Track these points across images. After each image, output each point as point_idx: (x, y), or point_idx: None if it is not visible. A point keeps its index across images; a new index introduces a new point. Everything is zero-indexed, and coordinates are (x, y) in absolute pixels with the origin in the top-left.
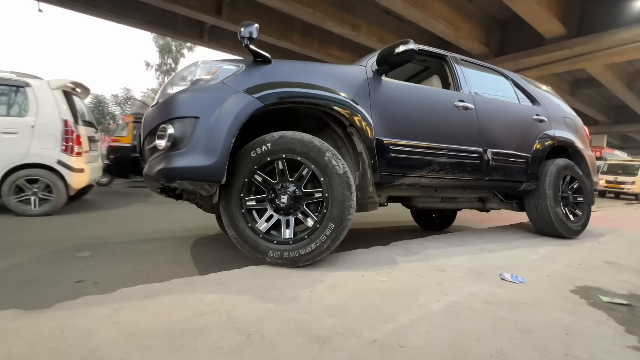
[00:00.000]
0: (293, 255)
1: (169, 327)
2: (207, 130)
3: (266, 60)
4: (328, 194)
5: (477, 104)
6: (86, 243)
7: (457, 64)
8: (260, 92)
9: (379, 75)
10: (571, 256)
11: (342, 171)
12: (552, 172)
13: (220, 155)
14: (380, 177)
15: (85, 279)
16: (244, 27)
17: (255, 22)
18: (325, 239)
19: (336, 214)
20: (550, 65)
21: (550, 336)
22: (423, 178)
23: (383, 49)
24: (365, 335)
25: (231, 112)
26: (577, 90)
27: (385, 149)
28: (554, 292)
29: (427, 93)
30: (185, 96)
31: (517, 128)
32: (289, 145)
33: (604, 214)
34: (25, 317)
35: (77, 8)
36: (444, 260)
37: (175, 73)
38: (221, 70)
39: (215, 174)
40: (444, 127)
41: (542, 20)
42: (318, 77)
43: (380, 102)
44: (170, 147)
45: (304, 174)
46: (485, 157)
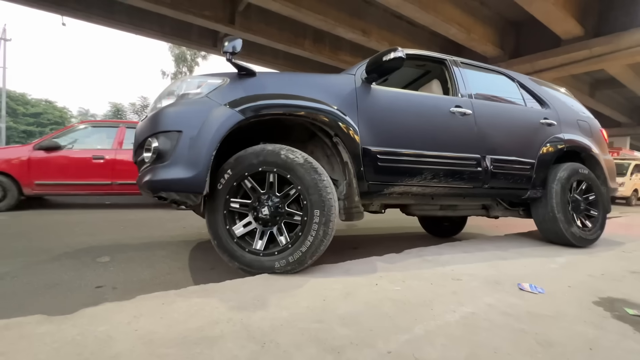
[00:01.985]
0: (297, 256)
1: (186, 335)
2: (189, 144)
3: (250, 74)
4: (300, 186)
5: (476, 108)
6: (105, 248)
7: (457, 68)
8: (240, 105)
9: (369, 84)
10: (594, 265)
11: (302, 160)
12: (560, 178)
13: (201, 168)
14: (368, 186)
15: (105, 284)
16: (227, 42)
17: (236, 37)
18: (316, 227)
19: (316, 199)
20: (567, 66)
21: (573, 350)
22: (415, 187)
23: (372, 57)
24: (380, 347)
25: (212, 125)
26: (596, 91)
27: (373, 158)
28: (576, 304)
29: (419, 100)
30: (170, 111)
31: (520, 133)
32: (245, 162)
33: (628, 220)
34: (49, 323)
35: (98, 21)
36: (460, 269)
37: (165, 88)
38: (206, 84)
39: (197, 186)
40: (438, 134)
41: (559, 21)
42: (303, 88)
43: (369, 110)
44: (155, 159)
45: (272, 180)
46: (483, 164)
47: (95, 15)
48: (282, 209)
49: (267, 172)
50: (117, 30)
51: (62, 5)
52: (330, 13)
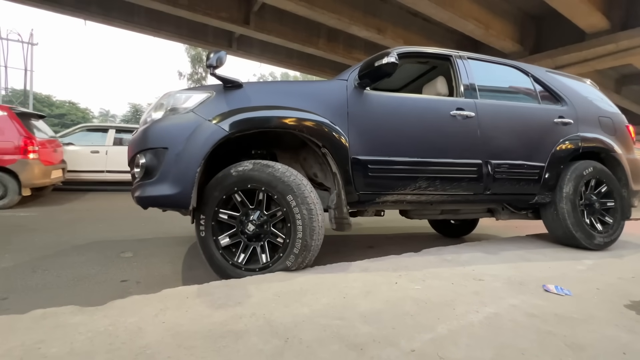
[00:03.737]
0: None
1: (211, 328)
2: (174, 161)
3: (237, 85)
4: (272, 187)
5: (480, 110)
6: (128, 244)
7: (463, 65)
8: (224, 120)
9: (362, 89)
10: (623, 267)
11: (266, 172)
12: (570, 178)
13: (186, 185)
14: (358, 196)
15: (129, 278)
16: (212, 54)
17: (220, 50)
18: (305, 212)
19: (284, 189)
20: (592, 61)
21: (606, 355)
22: (409, 195)
23: (364, 61)
24: (403, 345)
25: (197, 142)
26: (623, 87)
27: (363, 167)
28: (606, 307)
29: (416, 104)
30: (157, 127)
31: (529, 134)
32: (222, 184)
33: None
34: (82, 314)
35: (118, 24)
36: (481, 269)
37: (154, 102)
38: (191, 98)
39: (183, 202)
40: (435, 139)
41: (583, 15)
42: (291, 97)
43: (360, 118)
44: (143, 176)
45: (239, 199)
46: (484, 170)
47: (115, 18)
48: (267, 227)
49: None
50: (136, 32)
51: (84, 9)
52: (344, 12)
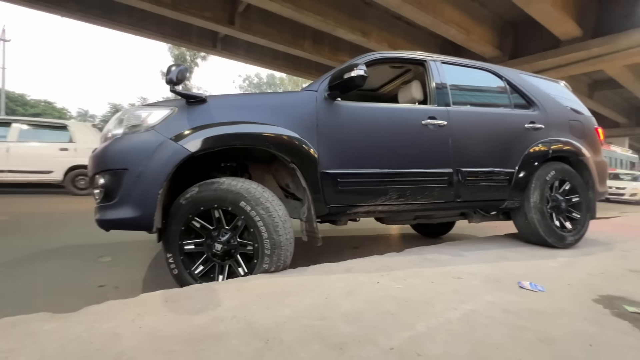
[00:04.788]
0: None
1: (190, 332)
2: (134, 182)
3: (200, 100)
4: (222, 201)
5: (452, 118)
6: (107, 248)
7: (437, 70)
8: (186, 138)
9: (332, 100)
10: (593, 264)
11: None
12: (535, 188)
13: (148, 207)
14: (328, 209)
15: (107, 283)
16: (173, 68)
17: (181, 65)
18: (263, 211)
19: (235, 198)
20: (566, 67)
21: (573, 347)
22: (380, 206)
23: (334, 71)
24: (383, 343)
25: (158, 162)
26: (595, 92)
27: (333, 181)
28: (575, 301)
29: (387, 113)
30: (116, 147)
31: (501, 141)
32: (176, 216)
33: (626, 220)
34: (55, 320)
35: (97, 21)
36: (460, 268)
37: (113, 117)
38: (152, 115)
39: (145, 225)
40: (406, 150)
41: (557, 22)
42: (258, 111)
43: (330, 130)
44: (103, 198)
45: (216, 215)
46: (455, 178)
47: (94, 15)
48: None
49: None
50: (116, 31)
51: (61, 5)
52: (329, 14)
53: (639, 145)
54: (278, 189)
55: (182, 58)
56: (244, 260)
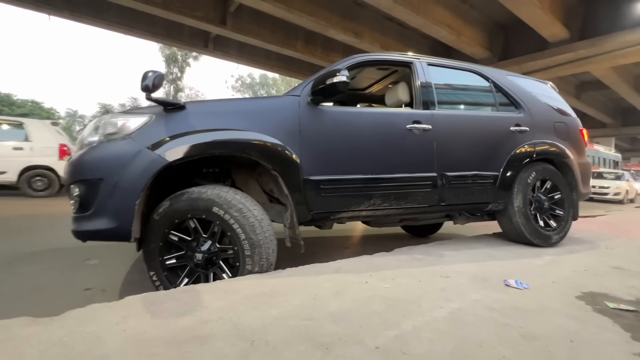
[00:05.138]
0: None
1: (175, 334)
2: (111, 193)
3: (178, 107)
4: (195, 209)
5: (437, 122)
6: (94, 251)
7: (424, 72)
8: (164, 147)
9: (315, 105)
10: (578, 262)
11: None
12: (518, 192)
13: (125, 218)
14: (312, 216)
15: (94, 286)
16: (150, 74)
17: (158, 71)
18: (236, 213)
19: (207, 204)
20: (554, 68)
21: (555, 343)
22: (364, 211)
23: (317, 76)
24: (368, 342)
25: (135, 172)
26: (582, 93)
27: (316, 188)
28: (559, 299)
29: (372, 118)
30: (91, 156)
31: (486, 145)
32: (152, 232)
33: (611, 218)
34: (36, 325)
35: (86, 20)
36: (448, 267)
37: (89, 124)
38: (128, 123)
39: (122, 236)
40: (390, 155)
41: (545, 24)
42: (239, 117)
43: (313, 136)
44: (78, 208)
45: (190, 225)
46: (439, 182)
47: (83, 14)
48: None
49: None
50: (106, 30)
51: (49, 4)
52: (321, 15)
53: (625, 145)
54: (262, 193)
55: (174, 58)
56: (227, 265)
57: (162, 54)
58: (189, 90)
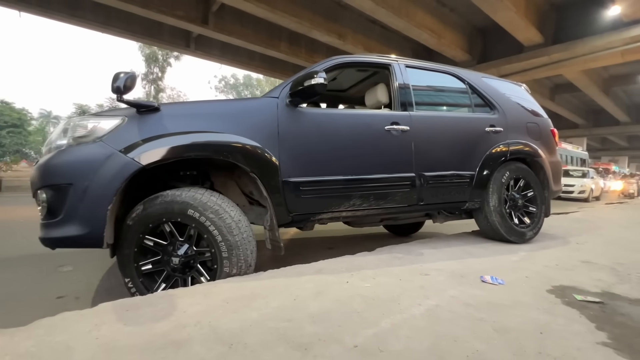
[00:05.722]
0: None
1: (150, 340)
2: (81, 198)
3: (152, 109)
4: (170, 213)
5: (415, 123)
6: (68, 257)
7: (402, 74)
8: (137, 150)
9: (294, 106)
10: (550, 257)
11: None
12: (493, 192)
13: (97, 224)
14: (292, 217)
15: (67, 294)
16: (122, 75)
17: (130, 72)
18: (212, 215)
19: (182, 207)
20: (530, 71)
21: (526, 335)
22: (344, 212)
23: (295, 78)
24: (347, 341)
25: (106, 176)
26: (556, 95)
27: (295, 189)
28: (531, 293)
29: (351, 120)
30: (59, 160)
31: (462, 145)
32: (126, 239)
33: (583, 215)
34: (2, 336)
35: (60, 17)
36: (428, 265)
37: (57, 127)
38: (100, 125)
39: (94, 242)
40: (369, 156)
41: (521, 29)
42: (216, 119)
43: (292, 138)
44: (46, 215)
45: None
46: (418, 182)
47: (55, 11)
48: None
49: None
50: (81, 27)
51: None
52: (305, 16)
53: (596, 145)
54: (242, 196)
55: (154, 57)
56: (205, 268)
57: (142, 53)
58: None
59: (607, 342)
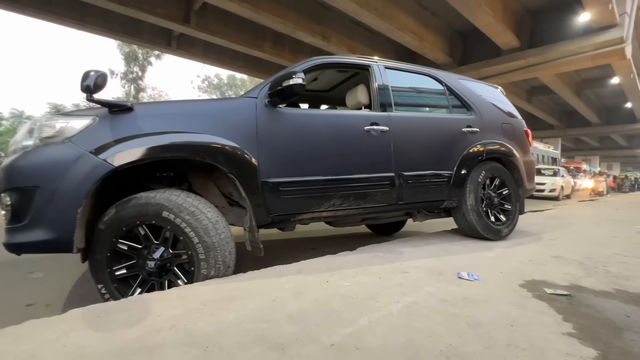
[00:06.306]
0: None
1: (122, 346)
2: (48, 201)
3: (125, 109)
4: (144, 215)
5: (394, 124)
6: (39, 262)
7: (381, 76)
8: (108, 151)
9: (273, 107)
10: (524, 253)
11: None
12: (470, 191)
13: (65, 228)
14: (271, 218)
15: (37, 301)
16: (92, 73)
17: (100, 70)
18: (188, 216)
19: (156, 209)
20: (507, 74)
21: (497, 329)
22: (324, 212)
23: (274, 78)
24: (324, 340)
25: (74, 178)
26: (532, 97)
27: (275, 190)
28: (505, 287)
29: (331, 120)
30: (25, 161)
31: (440, 145)
32: (98, 243)
33: (557, 212)
34: None
35: (31, 13)
36: (408, 263)
37: (23, 127)
38: (69, 125)
39: (63, 247)
40: (349, 156)
41: (499, 33)
42: (192, 119)
43: (271, 138)
44: (11, 219)
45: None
46: (397, 182)
47: (27, 7)
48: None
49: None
50: (56, 24)
51: None
52: (289, 16)
53: (570, 145)
54: (221, 197)
55: (134, 56)
56: (182, 271)
57: (121, 51)
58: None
59: (573, 332)
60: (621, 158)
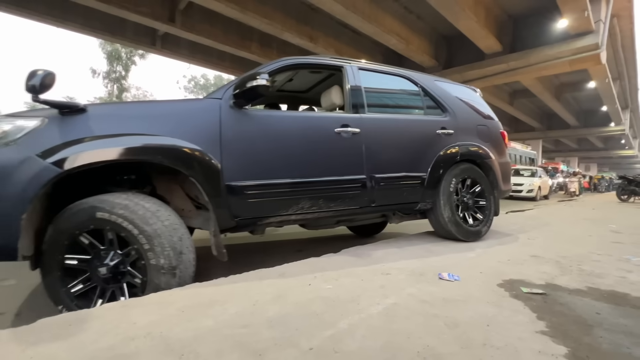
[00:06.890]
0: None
1: (93, 356)
2: None
3: (77, 110)
4: (91, 220)
5: (366, 125)
6: (11, 269)
7: (354, 77)
8: (57, 154)
9: (239, 108)
10: (503, 252)
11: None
12: (443, 194)
13: (8, 235)
14: (236, 222)
15: (7, 311)
16: (40, 72)
17: (48, 70)
18: (139, 221)
19: (104, 213)
20: (490, 77)
21: (473, 328)
22: (293, 215)
23: (239, 79)
24: (303, 344)
25: (18, 182)
26: (515, 100)
27: (239, 194)
28: (483, 287)
29: (300, 122)
30: None
31: (413, 147)
32: (48, 252)
33: (536, 212)
34: None
35: (8, 10)
36: (390, 264)
37: None
38: (14, 127)
39: (6, 254)
40: (319, 158)
41: (482, 37)
42: (150, 121)
43: (235, 140)
44: None
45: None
46: (369, 184)
47: (4, 3)
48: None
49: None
50: (35, 22)
51: None
52: (276, 17)
53: (550, 147)
54: (188, 200)
55: (117, 55)
56: (137, 269)
57: (103, 50)
58: (136, 90)
59: (545, 330)
60: (598, 159)
